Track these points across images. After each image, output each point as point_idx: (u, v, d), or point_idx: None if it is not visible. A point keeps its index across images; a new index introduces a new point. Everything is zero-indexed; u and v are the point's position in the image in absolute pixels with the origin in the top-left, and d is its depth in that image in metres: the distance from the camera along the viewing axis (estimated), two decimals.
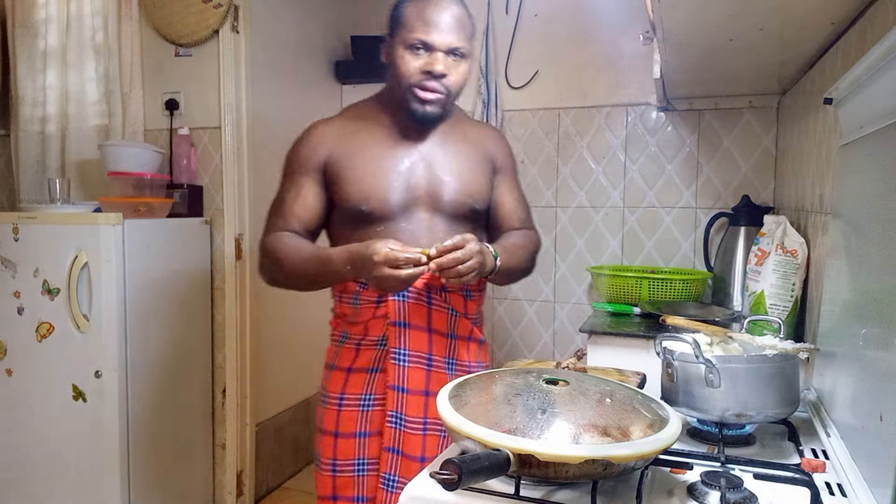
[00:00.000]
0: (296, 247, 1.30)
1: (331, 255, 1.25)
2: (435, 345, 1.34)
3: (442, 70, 1.25)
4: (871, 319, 0.87)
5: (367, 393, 1.34)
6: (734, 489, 0.81)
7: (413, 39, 1.24)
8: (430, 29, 1.24)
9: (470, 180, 1.37)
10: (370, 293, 1.33)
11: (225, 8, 2.38)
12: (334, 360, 1.38)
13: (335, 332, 1.41)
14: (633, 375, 1.25)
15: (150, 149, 2.34)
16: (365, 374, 1.34)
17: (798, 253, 1.49)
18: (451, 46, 1.26)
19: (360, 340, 1.35)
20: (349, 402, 1.34)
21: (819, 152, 1.44)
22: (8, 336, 2.15)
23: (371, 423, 1.33)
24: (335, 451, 1.34)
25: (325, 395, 1.38)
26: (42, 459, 2.13)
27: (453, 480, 0.70)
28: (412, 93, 1.27)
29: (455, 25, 1.26)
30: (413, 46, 1.25)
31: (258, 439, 2.66)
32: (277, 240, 1.32)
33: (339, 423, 1.34)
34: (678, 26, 1.29)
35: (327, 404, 1.36)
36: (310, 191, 1.35)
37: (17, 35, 2.50)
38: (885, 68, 0.85)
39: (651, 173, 2.28)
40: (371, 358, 1.34)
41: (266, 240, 1.34)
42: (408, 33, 1.25)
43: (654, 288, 1.99)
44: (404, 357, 1.31)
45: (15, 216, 2.13)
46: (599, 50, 2.31)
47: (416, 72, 1.25)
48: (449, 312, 1.35)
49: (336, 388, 1.35)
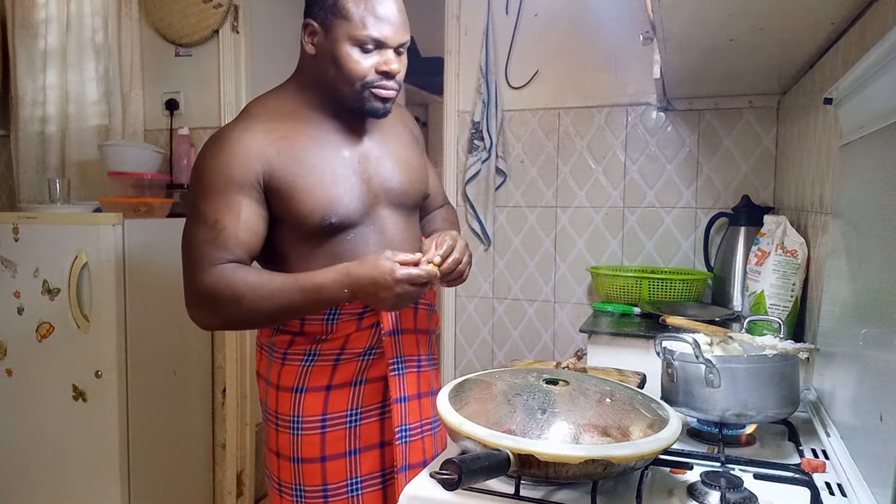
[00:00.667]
0: (258, 279, 1.11)
1: (318, 281, 1.09)
2: (421, 344, 1.31)
3: (397, 69, 1.17)
4: (871, 319, 0.87)
5: (352, 408, 1.23)
6: (734, 489, 0.81)
7: (363, 37, 1.12)
8: (383, 26, 1.13)
9: (416, 167, 1.31)
10: (353, 306, 1.21)
11: (225, 8, 2.38)
12: (301, 383, 1.22)
13: (290, 351, 1.24)
14: (633, 375, 1.25)
15: (150, 149, 2.34)
16: (347, 388, 1.23)
17: (798, 253, 1.49)
18: (401, 42, 1.17)
19: (337, 355, 1.23)
20: (333, 422, 1.22)
21: (819, 152, 1.44)
22: (8, 336, 2.15)
23: (360, 438, 1.24)
24: (324, 476, 1.22)
25: (294, 421, 1.22)
26: (42, 459, 2.13)
27: (453, 480, 0.70)
28: (369, 93, 1.16)
29: (403, 19, 1.17)
30: (363, 44, 1.13)
31: (258, 439, 2.66)
32: (226, 274, 1.10)
33: (326, 447, 1.22)
34: (678, 26, 1.29)
35: (304, 430, 1.22)
36: (252, 212, 1.14)
37: (17, 35, 2.50)
38: (885, 68, 0.85)
39: (651, 173, 2.28)
40: (353, 371, 1.23)
41: (205, 277, 1.11)
42: (356, 30, 1.12)
43: (654, 288, 1.99)
44: (401, 366, 1.25)
45: (15, 216, 2.13)
46: (599, 50, 2.31)
47: (370, 71, 1.15)
48: (428, 308, 1.33)
49: (313, 410, 1.22)
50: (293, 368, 1.23)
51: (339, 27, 1.13)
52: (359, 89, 1.16)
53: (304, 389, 1.22)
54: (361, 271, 1.07)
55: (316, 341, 1.23)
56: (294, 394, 1.22)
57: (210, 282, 1.11)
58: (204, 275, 1.11)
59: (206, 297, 1.12)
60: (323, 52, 1.16)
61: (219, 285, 1.10)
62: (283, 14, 2.82)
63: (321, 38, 1.16)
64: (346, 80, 1.15)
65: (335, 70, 1.15)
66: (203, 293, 1.12)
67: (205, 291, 1.11)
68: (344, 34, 1.13)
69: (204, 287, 1.11)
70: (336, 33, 1.14)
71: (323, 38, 1.16)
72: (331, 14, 1.13)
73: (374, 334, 1.24)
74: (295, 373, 1.23)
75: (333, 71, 1.16)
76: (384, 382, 1.25)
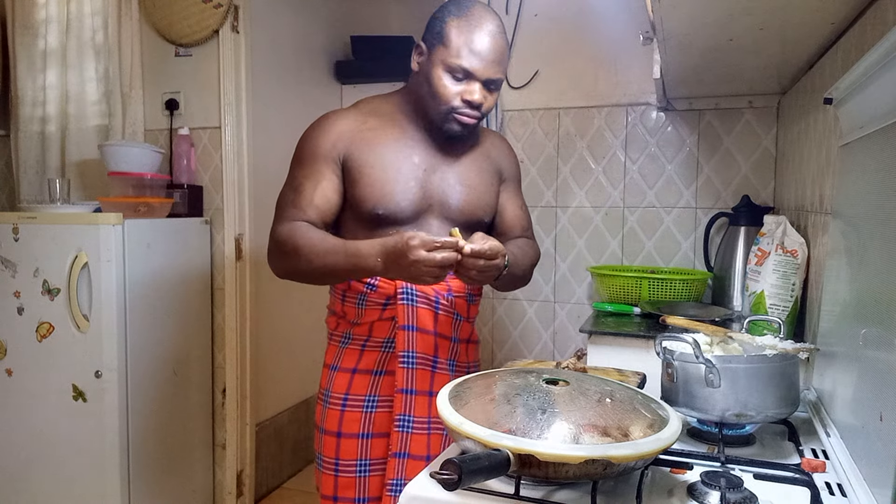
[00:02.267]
0: (318, 237, 1.24)
1: (360, 247, 1.19)
2: (440, 348, 1.36)
3: (479, 100, 1.27)
4: (871, 319, 0.87)
5: (371, 394, 1.35)
6: (734, 489, 0.81)
7: (455, 65, 1.24)
8: (474, 59, 1.24)
9: (481, 192, 1.40)
10: (377, 295, 1.34)
11: (225, 8, 2.38)
12: (336, 362, 1.39)
13: (335, 333, 1.41)
14: (633, 375, 1.25)
15: (150, 149, 2.34)
16: (369, 375, 1.36)
17: (798, 253, 1.49)
18: (490, 79, 1.27)
19: (364, 341, 1.36)
20: (353, 402, 1.35)
21: (819, 152, 1.44)
22: (8, 336, 2.15)
23: (374, 424, 1.35)
24: (338, 450, 1.35)
25: (326, 395, 1.39)
26: (42, 459, 2.13)
27: (453, 480, 0.70)
28: (450, 116, 1.29)
29: (498, 58, 1.26)
30: (453, 71, 1.25)
31: (258, 439, 2.66)
32: (295, 229, 1.26)
33: (343, 424, 1.35)
34: (678, 26, 1.29)
35: (330, 404, 1.37)
36: (329, 183, 1.30)
37: (17, 35, 2.50)
38: (885, 68, 0.85)
39: (651, 173, 2.28)
40: (375, 360, 1.36)
41: (281, 228, 1.28)
42: (451, 57, 1.24)
43: (654, 288, 1.99)
44: (412, 360, 1.32)
45: (15, 216, 2.13)
46: (599, 50, 2.31)
47: (455, 97, 1.27)
48: (454, 317, 1.39)
49: (340, 388, 1.36)
50: (334, 348, 1.41)
51: (438, 52, 1.26)
52: (444, 111, 1.28)
53: (337, 368, 1.38)
54: (391, 241, 1.16)
55: (351, 324, 1.37)
56: (330, 370, 1.39)
57: (280, 233, 1.27)
58: (280, 226, 1.29)
59: (275, 246, 1.29)
60: (422, 71, 1.31)
61: (285, 237, 1.26)
62: (283, 14, 2.82)
63: (424, 59, 1.30)
64: (435, 100, 1.28)
65: (428, 89, 1.29)
66: (275, 242, 1.29)
67: (276, 240, 1.28)
68: (440, 59, 1.26)
69: (277, 236, 1.28)
70: (435, 57, 1.27)
71: (425, 58, 1.30)
72: (435, 39, 1.27)
73: (393, 327, 1.34)
74: (334, 352, 1.40)
75: (427, 89, 1.30)
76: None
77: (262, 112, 2.62)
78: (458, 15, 1.25)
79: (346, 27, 3.30)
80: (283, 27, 2.81)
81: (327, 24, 3.17)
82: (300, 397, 3.02)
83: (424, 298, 1.34)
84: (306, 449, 3.07)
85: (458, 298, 1.39)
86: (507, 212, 1.48)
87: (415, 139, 1.34)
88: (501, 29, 1.28)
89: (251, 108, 2.52)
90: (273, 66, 2.74)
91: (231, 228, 2.48)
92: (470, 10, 1.26)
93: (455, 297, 1.39)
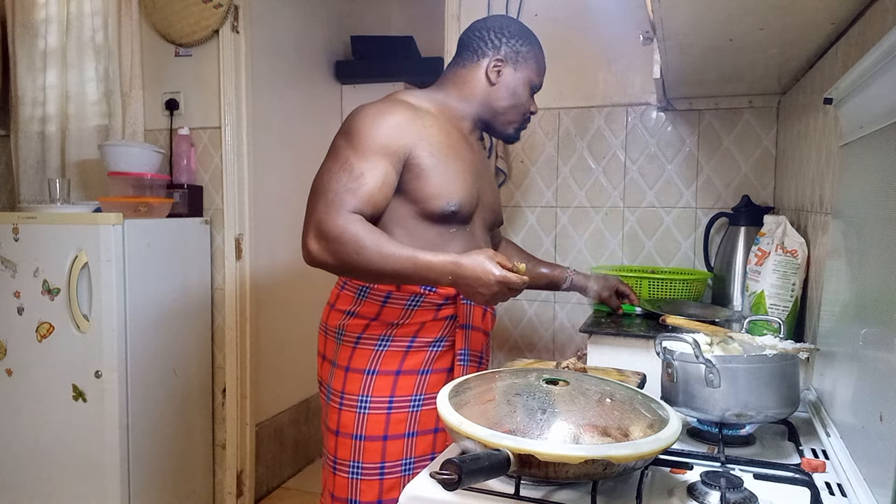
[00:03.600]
0: (386, 240, 1.20)
1: (432, 262, 1.18)
2: (484, 343, 1.47)
3: (536, 110, 1.50)
4: (871, 319, 0.87)
5: (417, 394, 1.35)
6: (734, 489, 0.81)
7: (537, 83, 1.46)
8: (541, 79, 1.48)
9: (499, 195, 1.54)
10: (436, 297, 1.35)
11: (225, 8, 2.38)
12: (374, 366, 1.34)
13: (366, 336, 1.35)
14: (633, 375, 1.25)
15: (150, 149, 2.34)
16: (415, 376, 1.35)
17: (798, 253, 1.49)
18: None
19: (409, 343, 1.35)
20: (399, 404, 1.34)
21: (819, 152, 1.44)
22: (8, 336, 2.15)
23: (419, 422, 1.37)
24: (384, 454, 1.33)
25: (362, 401, 1.34)
26: (42, 459, 2.13)
27: (453, 480, 0.70)
28: (522, 123, 1.48)
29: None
30: (533, 88, 1.46)
31: (258, 439, 2.66)
32: (360, 225, 1.20)
33: (389, 427, 1.34)
34: (678, 26, 1.29)
35: (371, 410, 1.33)
36: (389, 178, 1.26)
37: (17, 35, 2.50)
38: (885, 68, 0.85)
39: (651, 173, 2.28)
40: (422, 360, 1.36)
41: (342, 221, 1.20)
42: (536, 77, 1.45)
43: (654, 288, 1.99)
44: (466, 357, 1.38)
45: (15, 216, 2.13)
46: (599, 50, 2.31)
47: (527, 109, 1.47)
48: (493, 313, 1.49)
49: (383, 392, 1.33)
50: (366, 352, 1.35)
51: (526, 70, 1.44)
52: (521, 119, 1.47)
53: (376, 372, 1.34)
54: (468, 264, 1.17)
55: (390, 326, 1.34)
56: (365, 375, 1.34)
57: (340, 223, 1.20)
58: (337, 216, 1.21)
59: (332, 237, 1.20)
60: (505, 84, 1.42)
61: (347, 229, 1.20)
62: (283, 14, 2.82)
63: (509, 73, 1.42)
64: (516, 109, 1.45)
65: (511, 100, 1.44)
66: (331, 232, 1.20)
67: (333, 231, 1.20)
68: (527, 77, 1.44)
69: (335, 226, 1.20)
70: (523, 74, 1.43)
71: (511, 73, 1.42)
72: (521, 58, 1.43)
73: (446, 326, 1.37)
74: (368, 356, 1.35)
75: (509, 100, 1.44)
76: (447, 374, 1.38)
77: (262, 112, 2.62)
78: (531, 40, 1.45)
79: (346, 27, 3.30)
80: (283, 27, 2.81)
81: (327, 24, 3.17)
82: (300, 397, 3.02)
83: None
84: (306, 449, 3.07)
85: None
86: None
87: (462, 140, 1.41)
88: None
89: (251, 108, 2.52)
90: (273, 66, 2.74)
91: (231, 228, 2.48)
92: (530, 35, 1.46)
93: None
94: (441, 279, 1.19)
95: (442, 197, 1.29)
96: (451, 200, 1.30)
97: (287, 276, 2.85)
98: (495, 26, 1.44)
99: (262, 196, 2.62)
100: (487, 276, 1.15)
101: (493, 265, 1.16)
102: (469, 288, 1.18)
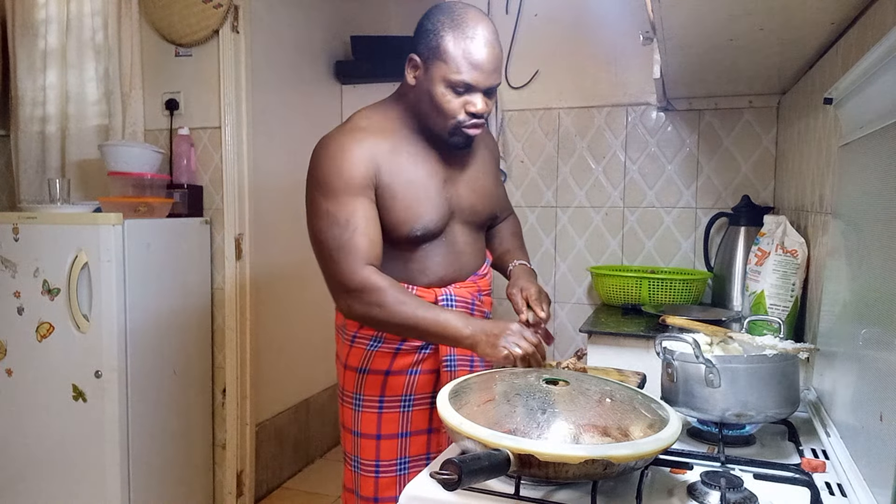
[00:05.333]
0: (408, 298, 1.21)
1: (457, 326, 1.16)
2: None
3: (483, 110, 1.26)
4: (871, 319, 0.87)
5: (406, 394, 1.37)
6: (734, 489, 0.81)
7: (457, 81, 1.22)
8: (475, 72, 1.22)
9: (490, 191, 1.44)
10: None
11: (225, 8, 2.38)
12: (365, 364, 1.37)
13: (360, 335, 1.37)
14: (633, 375, 1.25)
15: (150, 149, 2.33)
16: (404, 376, 1.37)
17: (798, 253, 1.49)
18: (490, 86, 1.26)
19: (399, 344, 1.36)
20: (389, 404, 1.36)
21: (819, 152, 1.44)
22: (8, 336, 2.15)
23: (412, 422, 1.37)
24: (378, 452, 1.36)
25: (357, 399, 1.38)
26: (42, 459, 2.13)
27: (453, 480, 0.70)
28: (456, 129, 1.27)
29: (497, 65, 1.25)
30: (455, 86, 1.23)
31: (258, 439, 2.66)
32: (385, 280, 1.21)
33: (381, 426, 1.36)
34: (678, 26, 1.29)
35: (364, 408, 1.37)
36: (370, 211, 1.26)
37: (17, 35, 2.50)
38: (885, 68, 0.85)
39: (651, 173, 2.28)
40: (411, 361, 1.37)
41: (366, 274, 1.21)
42: (451, 73, 1.22)
43: (654, 288, 1.99)
44: (453, 363, 1.36)
45: (15, 216, 2.13)
46: (599, 50, 2.31)
47: (460, 111, 1.25)
48: (484, 315, 1.46)
49: (373, 391, 1.36)
50: (360, 351, 1.37)
51: (437, 68, 1.23)
52: (450, 126, 1.27)
53: (367, 371, 1.37)
54: (493, 331, 1.13)
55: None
56: (358, 373, 1.37)
57: (358, 280, 1.21)
58: (362, 270, 1.21)
59: (361, 289, 1.21)
60: (420, 86, 1.27)
61: (365, 285, 1.20)
62: (283, 14, 2.82)
63: (421, 74, 1.26)
64: (441, 116, 1.26)
65: (430, 104, 1.26)
66: (361, 285, 1.21)
67: (355, 287, 1.21)
68: (440, 75, 1.23)
69: (355, 282, 1.21)
70: (434, 73, 1.23)
71: (423, 74, 1.26)
72: (432, 54, 1.23)
73: None
74: (361, 355, 1.37)
75: (429, 105, 1.26)
76: (436, 374, 1.38)
77: (262, 112, 2.62)
78: (452, 26, 1.21)
79: (346, 27, 3.30)
80: (283, 27, 2.81)
81: (327, 24, 3.17)
82: (300, 397, 3.02)
83: (463, 302, 1.38)
84: (306, 449, 3.07)
85: (485, 296, 1.47)
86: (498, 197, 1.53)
87: (427, 152, 1.33)
88: (495, 33, 1.25)
89: (251, 108, 2.52)
90: (273, 66, 2.74)
91: (231, 228, 2.48)
92: (463, 18, 1.22)
93: (483, 296, 1.46)
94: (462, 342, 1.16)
95: (406, 223, 1.28)
96: (415, 226, 1.29)
97: (287, 276, 2.85)
98: (423, 19, 1.28)
99: (262, 196, 2.62)
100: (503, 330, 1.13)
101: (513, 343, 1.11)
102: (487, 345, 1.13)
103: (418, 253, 1.33)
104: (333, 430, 3.27)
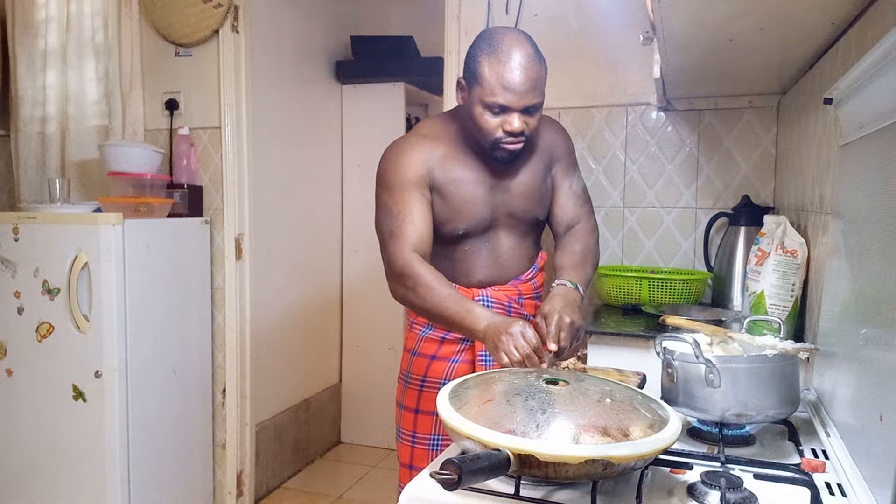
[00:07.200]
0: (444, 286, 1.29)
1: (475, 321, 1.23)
2: None
3: (519, 128, 1.33)
4: (871, 319, 0.87)
5: (445, 378, 1.49)
6: (734, 489, 0.81)
7: (491, 102, 1.31)
8: (508, 94, 1.29)
9: (536, 197, 1.50)
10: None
11: (225, 8, 2.38)
12: (416, 347, 1.54)
13: (417, 322, 1.54)
14: (633, 375, 1.25)
15: (150, 149, 2.34)
16: (446, 362, 1.51)
17: (798, 253, 1.49)
18: (527, 105, 1.32)
19: (444, 334, 1.50)
20: (430, 384, 1.50)
21: (819, 152, 1.44)
22: (8, 336, 2.15)
23: None
24: (415, 425, 1.52)
25: (406, 376, 1.55)
26: (42, 459, 2.13)
27: (453, 480, 0.70)
28: (496, 146, 1.36)
29: (532, 86, 1.31)
30: (491, 108, 1.31)
31: (258, 439, 2.66)
32: (424, 266, 1.31)
33: (420, 402, 1.51)
34: (678, 26, 1.29)
35: (409, 384, 1.53)
36: (427, 207, 1.39)
37: (17, 35, 2.50)
38: (885, 68, 0.85)
39: (651, 173, 2.28)
40: (454, 350, 1.50)
41: (397, 259, 1.33)
42: (486, 95, 1.30)
43: (654, 288, 1.99)
44: (489, 358, 1.44)
45: (15, 216, 2.13)
46: (599, 50, 2.31)
47: (497, 129, 1.34)
48: (525, 317, 1.51)
49: (419, 371, 1.52)
50: (414, 335, 1.55)
51: (476, 91, 1.33)
52: (490, 143, 1.36)
53: (416, 353, 1.53)
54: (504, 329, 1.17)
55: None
56: (410, 355, 1.55)
57: (399, 264, 1.33)
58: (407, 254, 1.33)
59: (396, 277, 1.34)
60: (465, 107, 1.39)
61: (415, 270, 1.31)
62: (283, 14, 2.82)
63: (466, 95, 1.38)
64: (481, 134, 1.36)
65: (472, 124, 1.37)
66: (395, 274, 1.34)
67: (396, 273, 1.34)
68: (478, 97, 1.33)
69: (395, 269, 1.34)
70: (474, 95, 1.34)
71: (466, 95, 1.37)
72: (472, 78, 1.34)
73: None
74: (415, 338, 1.55)
75: (471, 124, 1.38)
76: (473, 365, 1.49)
77: (262, 112, 2.62)
78: (489, 51, 1.30)
79: (346, 27, 3.30)
80: (283, 27, 2.81)
81: (327, 24, 3.17)
82: (300, 397, 3.02)
83: (499, 304, 1.48)
84: (306, 449, 3.07)
85: (527, 299, 1.54)
86: (557, 204, 1.55)
87: (476, 161, 1.44)
88: (532, 55, 1.31)
89: (251, 108, 2.52)
90: (273, 66, 2.74)
91: (231, 228, 2.48)
92: (499, 43, 1.30)
93: (525, 299, 1.53)
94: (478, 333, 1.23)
95: (451, 222, 1.42)
96: (459, 225, 1.42)
97: (287, 276, 2.85)
98: (470, 45, 1.38)
99: (262, 196, 2.62)
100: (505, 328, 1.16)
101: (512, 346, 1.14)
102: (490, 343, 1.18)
103: (462, 253, 1.46)
104: (333, 430, 3.27)
